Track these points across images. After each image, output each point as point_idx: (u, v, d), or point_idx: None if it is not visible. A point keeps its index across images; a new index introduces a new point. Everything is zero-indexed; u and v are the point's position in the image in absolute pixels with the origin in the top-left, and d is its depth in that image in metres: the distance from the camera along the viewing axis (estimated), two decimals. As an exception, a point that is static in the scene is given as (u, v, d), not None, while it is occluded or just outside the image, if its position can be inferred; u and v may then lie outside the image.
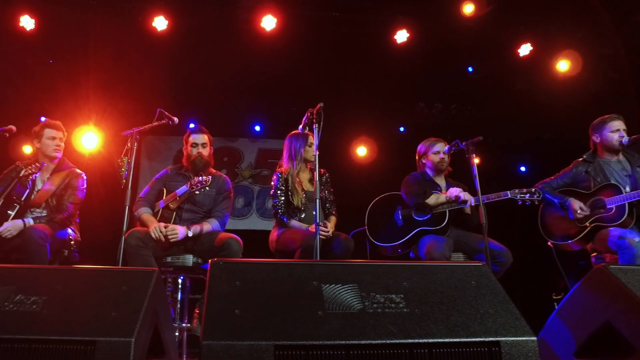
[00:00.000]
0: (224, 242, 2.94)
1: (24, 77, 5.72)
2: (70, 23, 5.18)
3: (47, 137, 3.44)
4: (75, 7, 5.05)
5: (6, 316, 1.54)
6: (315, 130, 2.98)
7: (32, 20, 5.01)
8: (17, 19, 4.99)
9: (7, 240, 3.02)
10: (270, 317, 1.50)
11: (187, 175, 3.43)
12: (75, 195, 3.40)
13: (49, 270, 1.83)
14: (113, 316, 1.55)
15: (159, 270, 1.77)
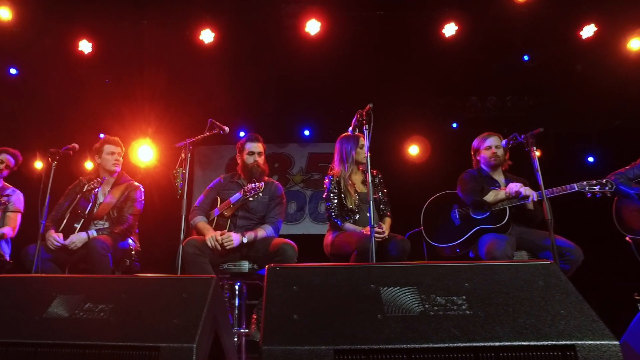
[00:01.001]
0: (278, 248, 2.98)
1: (83, 97, 6.12)
2: (124, 44, 5.49)
3: (107, 153, 3.66)
4: (128, 29, 5.35)
5: (77, 323, 1.64)
6: (366, 131, 2.96)
7: (89, 44, 5.40)
8: (76, 44, 5.38)
9: (74, 252, 3.24)
10: (328, 321, 1.49)
11: (240, 183, 3.51)
12: (134, 207, 3.59)
13: (114, 279, 1.93)
14: (175, 323, 1.61)
15: (217, 277, 1.83)
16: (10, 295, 1.84)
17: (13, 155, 4.00)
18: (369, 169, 2.92)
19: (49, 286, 1.83)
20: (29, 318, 1.69)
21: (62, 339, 1.59)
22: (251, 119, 6.40)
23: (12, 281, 1.95)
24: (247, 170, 3.47)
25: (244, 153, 3.52)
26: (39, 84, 6.15)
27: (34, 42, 5.48)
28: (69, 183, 3.73)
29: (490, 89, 6.17)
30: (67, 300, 1.75)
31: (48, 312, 1.70)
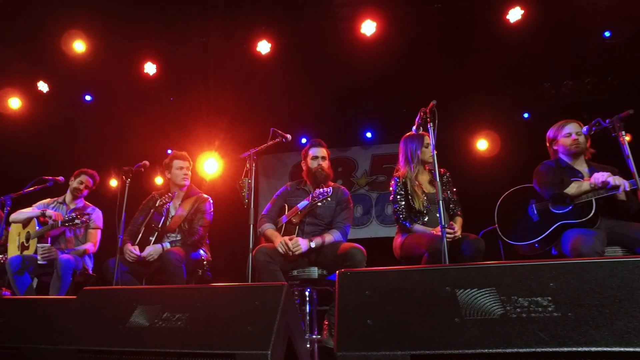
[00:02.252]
0: (347, 252, 2.98)
1: (151, 116, 6.53)
2: (184, 63, 5.83)
3: (176, 168, 3.86)
4: (188, 48, 5.65)
5: (157, 332, 1.74)
6: (431, 129, 2.89)
7: (153, 65, 5.78)
8: (141, 67, 5.77)
9: (150, 263, 3.44)
10: (403, 326, 1.47)
11: (306, 189, 3.56)
12: (204, 218, 3.75)
13: (189, 289, 2.02)
14: (249, 330, 1.65)
15: (288, 284, 1.86)
16: (96, 306, 1.98)
17: (91, 176, 4.33)
18: (437, 168, 2.84)
19: (130, 297, 1.95)
20: (114, 327, 1.81)
21: (144, 347, 1.69)
22: (312, 124, 6.49)
23: (97, 293, 2.10)
24: (311, 175, 3.51)
25: (308, 159, 3.57)
26: (110, 108, 6.66)
27: (104, 69, 5.96)
28: (142, 198, 3.97)
29: (566, 72, 5.81)
30: (147, 310, 1.85)
31: (130, 322, 1.81)
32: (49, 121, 6.70)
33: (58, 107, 6.59)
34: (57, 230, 3.94)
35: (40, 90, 6.23)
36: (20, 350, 1.94)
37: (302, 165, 3.66)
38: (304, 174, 3.64)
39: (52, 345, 1.83)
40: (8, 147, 6.93)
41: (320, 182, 3.43)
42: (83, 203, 4.32)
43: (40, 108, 6.49)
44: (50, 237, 3.94)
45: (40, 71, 6.16)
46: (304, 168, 3.64)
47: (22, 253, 3.96)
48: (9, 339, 2.04)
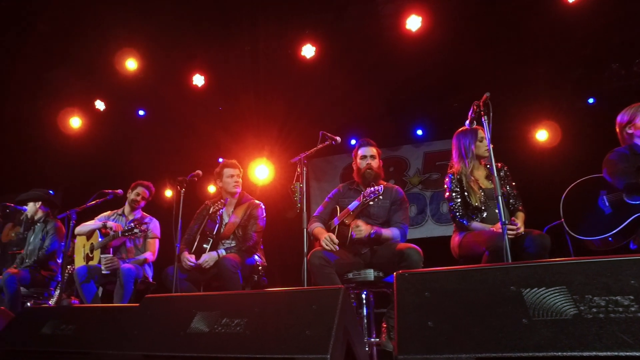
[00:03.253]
0: (403, 253, 2.94)
1: (201, 126, 6.74)
2: (231, 72, 5.98)
3: (227, 176, 3.97)
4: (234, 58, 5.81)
5: (217, 337, 1.78)
6: (485, 123, 2.80)
7: (201, 77, 5.99)
8: (190, 79, 6.00)
9: (207, 270, 3.55)
10: (467, 327, 1.42)
11: (358, 189, 3.56)
12: (257, 224, 3.82)
13: (246, 295, 2.05)
14: (307, 334, 1.66)
15: (345, 287, 1.85)
16: (158, 313, 2.06)
17: (147, 187, 4.54)
18: (493, 162, 2.74)
19: (190, 304, 2.01)
20: (176, 333, 1.87)
21: (205, 352, 1.74)
22: (361, 125, 6.46)
23: (158, 300, 2.18)
24: (360, 175, 3.52)
25: (358, 159, 3.59)
26: (162, 121, 6.96)
27: (155, 85, 6.25)
28: (196, 207, 4.11)
29: (636, 50, 5.40)
30: (206, 316, 1.90)
31: (191, 328, 1.87)
32: (106, 137, 7.09)
33: (114, 124, 6.97)
34: (118, 240, 4.15)
35: (98, 108, 6.62)
36: (90, 355, 2.05)
37: (353, 166, 3.68)
38: (354, 175, 3.65)
39: (120, 351, 1.92)
40: (72, 165, 7.42)
41: (370, 182, 3.43)
42: (141, 214, 4.53)
43: (98, 126, 6.88)
44: (112, 248, 4.16)
45: (97, 91, 6.54)
46: (354, 169, 3.66)
47: (88, 264, 4.21)
48: (79, 345, 2.16)
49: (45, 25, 5.34)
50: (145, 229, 4.12)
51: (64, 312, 2.51)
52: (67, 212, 4.05)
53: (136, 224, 3.95)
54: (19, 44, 5.46)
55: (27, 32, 5.35)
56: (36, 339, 2.32)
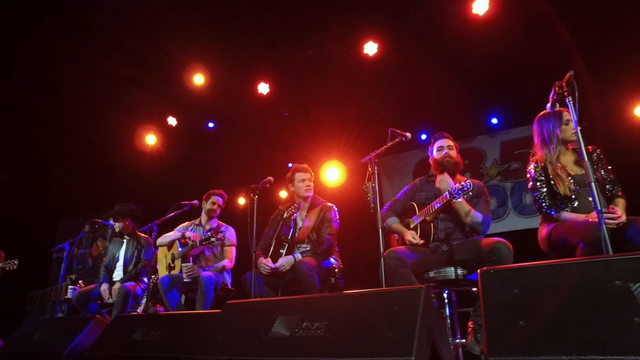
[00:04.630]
0: (491, 248, 2.80)
1: (270, 133, 6.93)
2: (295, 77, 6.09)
3: (298, 181, 4.03)
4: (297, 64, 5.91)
5: (299, 341, 1.80)
6: (570, 104, 2.60)
7: (266, 85, 6.18)
8: (255, 89, 6.20)
9: (284, 275, 3.62)
10: (565, 327, 1.33)
11: None
12: (331, 226, 3.84)
13: (325, 298, 2.07)
14: (389, 336, 1.63)
15: (426, 286, 1.80)
16: (239, 318, 2.13)
17: (220, 195, 4.74)
18: (582, 146, 2.55)
19: (270, 308, 2.06)
20: (257, 337, 1.92)
21: (287, 356, 1.76)
22: (431, 119, 6.30)
23: (239, 306, 2.26)
24: (439, 165, 3.44)
25: (434, 152, 3.53)
26: (231, 131, 7.25)
27: (222, 97, 6.53)
28: (270, 213, 4.21)
29: None
30: (287, 320, 1.94)
31: (272, 332, 1.91)
32: (179, 151, 7.51)
33: (186, 138, 7.38)
34: (197, 249, 4.35)
35: (170, 124, 7.07)
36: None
37: (430, 162, 3.61)
38: (432, 169, 3.57)
39: (205, 356, 2.01)
40: (150, 179, 7.93)
41: (450, 171, 3.36)
42: (217, 223, 4.72)
43: (171, 141, 7.32)
44: (191, 257, 4.36)
45: (169, 107, 6.98)
46: (432, 163, 3.57)
47: (170, 273, 4.45)
48: (167, 350, 2.29)
49: (120, 51, 5.76)
50: (222, 237, 4.29)
51: (152, 319, 2.67)
52: (149, 224, 4.31)
53: (213, 233, 4.12)
54: (98, 68, 5.91)
55: (104, 57, 5.79)
56: (129, 345, 2.49)
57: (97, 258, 8.44)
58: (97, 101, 6.60)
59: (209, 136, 7.45)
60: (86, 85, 6.22)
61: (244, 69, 6.13)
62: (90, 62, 5.83)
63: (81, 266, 8.90)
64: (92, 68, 5.91)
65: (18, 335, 3.39)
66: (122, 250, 5.01)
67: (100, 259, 5.34)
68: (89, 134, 7.22)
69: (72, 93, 6.42)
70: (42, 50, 5.59)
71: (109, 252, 5.11)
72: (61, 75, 6.06)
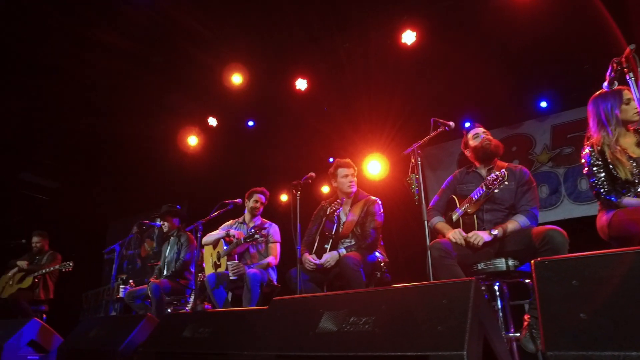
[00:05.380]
0: (543, 236, 2.68)
1: (309, 128, 6.95)
2: (332, 71, 6.09)
3: (341, 176, 4.03)
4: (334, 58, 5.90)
5: (346, 336, 1.80)
6: (631, 81, 2.46)
7: (304, 80, 6.21)
8: (293, 84, 6.24)
9: (329, 270, 3.63)
10: (633, 320, 1.26)
11: (477, 171, 3.40)
12: (375, 220, 3.82)
13: (372, 292, 2.05)
14: (439, 330, 1.60)
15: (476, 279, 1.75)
16: (286, 314, 2.15)
17: (262, 193, 4.80)
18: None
19: (316, 304, 2.07)
20: (305, 333, 1.93)
21: (336, 351, 1.76)
22: (475, 106, 6.12)
23: (286, 302, 2.28)
24: (478, 152, 3.37)
25: (470, 141, 3.46)
26: (271, 129, 7.34)
27: (261, 95, 6.63)
28: (313, 209, 4.23)
29: None
30: (334, 315, 1.94)
31: (319, 327, 1.91)
32: (221, 151, 7.67)
33: (227, 137, 7.52)
34: (242, 247, 4.44)
35: (211, 125, 7.23)
36: (227, 356, 2.21)
37: (467, 153, 3.54)
38: (471, 158, 3.50)
39: (254, 352, 2.04)
40: (194, 179, 8.15)
41: (489, 156, 3.29)
42: (260, 220, 4.79)
43: (212, 141, 7.49)
44: (236, 255, 4.45)
45: (209, 108, 7.14)
46: (469, 154, 3.50)
47: (216, 271, 4.56)
48: (216, 346, 2.34)
49: (159, 56, 5.94)
50: (266, 234, 4.35)
51: (200, 316, 2.74)
52: (194, 224, 4.43)
53: (256, 230, 4.19)
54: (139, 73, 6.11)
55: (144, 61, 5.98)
56: (180, 342, 2.57)
57: (146, 258, 8.76)
58: (140, 106, 6.83)
59: (249, 135, 7.57)
60: (129, 90, 6.45)
61: (281, 65, 6.18)
62: (131, 68, 6.03)
63: (131, 266, 9.28)
64: (133, 73, 6.11)
65: (76, 332, 3.57)
66: (167, 250, 5.19)
67: (149, 259, 5.55)
68: (133, 138, 7.49)
69: (116, 99, 6.68)
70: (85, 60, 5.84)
71: (162, 253, 5.31)
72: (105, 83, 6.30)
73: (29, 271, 5.65)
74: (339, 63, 5.96)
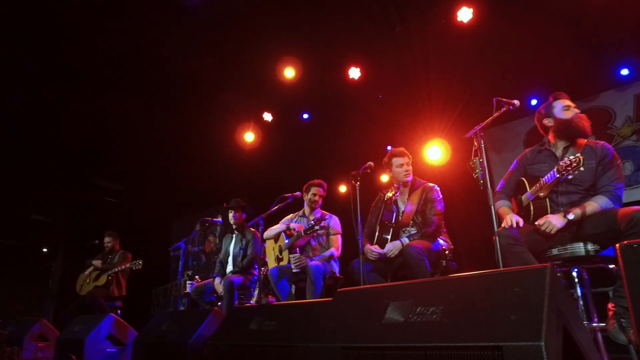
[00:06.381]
0: (630, 219, 2.46)
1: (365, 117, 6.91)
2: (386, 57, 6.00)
3: (396, 166, 3.99)
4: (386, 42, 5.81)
5: (413, 326, 1.78)
6: None
7: (357, 69, 6.19)
8: (346, 74, 6.26)
9: (392, 260, 3.62)
10: None
11: (551, 151, 3.17)
12: (435, 207, 3.76)
13: (438, 281, 2.01)
14: (513, 320, 1.55)
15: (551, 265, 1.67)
16: (351, 306, 2.16)
17: (319, 185, 4.83)
18: None
19: (381, 294, 2.06)
20: (371, 324, 1.93)
21: (404, 342, 1.75)
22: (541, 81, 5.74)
23: (350, 293, 2.28)
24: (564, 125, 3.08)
25: (555, 111, 3.17)
26: (326, 120, 7.36)
27: (314, 87, 6.65)
28: (373, 199, 4.21)
29: None
30: (400, 305, 1.92)
31: (385, 318, 1.91)
32: (277, 145, 7.79)
33: (283, 131, 7.64)
34: (303, 240, 4.50)
35: (266, 120, 7.38)
36: (293, 348, 2.25)
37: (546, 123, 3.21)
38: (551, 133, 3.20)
39: (320, 343, 2.07)
40: (253, 175, 8.34)
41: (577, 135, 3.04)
42: (320, 213, 4.83)
43: (269, 135, 7.63)
44: (298, 248, 4.53)
45: (264, 104, 7.29)
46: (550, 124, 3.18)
47: (278, 264, 4.65)
48: (282, 339, 2.39)
49: (212, 56, 6.11)
50: (326, 225, 4.39)
51: (266, 309, 2.82)
52: (255, 219, 4.54)
53: (316, 222, 4.23)
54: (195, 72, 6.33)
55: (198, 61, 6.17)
56: (246, 334, 2.65)
57: (210, 254, 9.09)
58: (197, 106, 7.07)
59: (305, 127, 7.64)
60: (187, 89, 6.68)
61: (333, 55, 6.17)
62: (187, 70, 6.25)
63: (196, 262, 9.66)
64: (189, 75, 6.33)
65: (149, 327, 3.78)
66: (231, 245, 5.35)
67: (213, 255, 5.76)
68: (191, 139, 7.76)
69: (175, 102, 6.94)
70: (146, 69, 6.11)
71: (223, 248, 5.49)
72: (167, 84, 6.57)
73: (103, 270, 6.02)
74: (392, 48, 5.85)
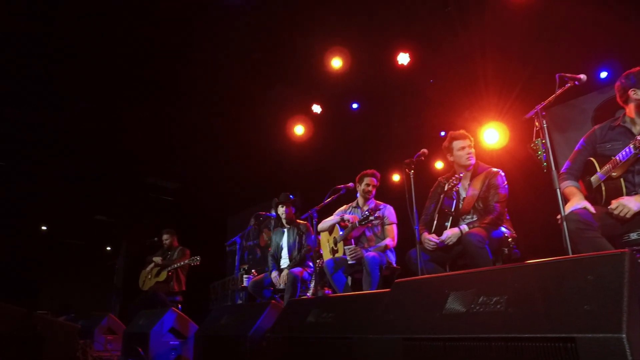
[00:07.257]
0: None
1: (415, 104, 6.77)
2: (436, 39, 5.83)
3: (457, 149, 3.84)
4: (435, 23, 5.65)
5: (476, 317, 1.72)
6: None
7: (405, 54, 6.13)
8: (394, 60, 6.17)
9: (451, 249, 3.51)
10: None
11: (626, 127, 2.94)
12: (498, 193, 3.60)
13: (501, 270, 1.93)
14: (587, 310, 1.45)
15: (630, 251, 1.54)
16: (410, 296, 2.12)
17: (372, 175, 4.77)
18: None
19: (441, 284, 2.01)
20: (431, 315, 1.88)
21: (466, 333, 1.69)
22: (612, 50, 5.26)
23: (408, 284, 2.25)
24: None
25: None
26: (376, 108, 7.28)
27: (362, 75, 6.57)
28: (428, 187, 4.10)
29: None
30: (461, 295, 1.86)
31: (446, 309, 1.85)
32: (328, 137, 7.79)
33: (332, 123, 7.62)
34: (357, 231, 4.47)
35: (315, 112, 7.38)
36: (352, 340, 2.24)
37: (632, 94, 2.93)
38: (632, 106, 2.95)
39: (379, 335, 2.04)
40: (304, 168, 8.39)
41: None
42: (374, 203, 4.77)
43: (319, 127, 7.64)
44: (353, 239, 4.50)
45: (312, 96, 7.28)
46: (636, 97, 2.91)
47: (334, 256, 4.65)
48: (340, 330, 2.38)
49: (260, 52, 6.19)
50: (381, 215, 4.33)
51: (323, 301, 2.82)
52: (309, 212, 4.55)
53: (371, 213, 4.19)
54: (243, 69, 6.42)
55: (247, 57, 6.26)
56: (304, 327, 2.66)
57: (265, 247, 9.26)
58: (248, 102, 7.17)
59: (355, 117, 7.58)
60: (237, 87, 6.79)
61: (382, 42, 6.06)
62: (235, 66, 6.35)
63: (251, 256, 9.87)
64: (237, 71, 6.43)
65: (209, 320, 3.90)
66: (284, 239, 5.39)
67: (267, 248, 5.84)
68: (242, 134, 7.89)
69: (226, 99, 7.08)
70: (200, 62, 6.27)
71: (273, 242, 5.54)
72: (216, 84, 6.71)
73: (163, 266, 6.26)
74: (446, 28, 5.66)
